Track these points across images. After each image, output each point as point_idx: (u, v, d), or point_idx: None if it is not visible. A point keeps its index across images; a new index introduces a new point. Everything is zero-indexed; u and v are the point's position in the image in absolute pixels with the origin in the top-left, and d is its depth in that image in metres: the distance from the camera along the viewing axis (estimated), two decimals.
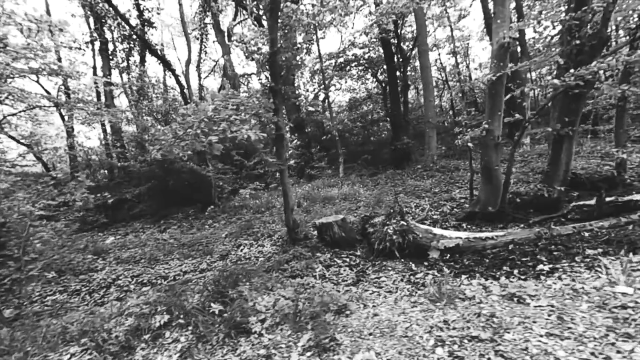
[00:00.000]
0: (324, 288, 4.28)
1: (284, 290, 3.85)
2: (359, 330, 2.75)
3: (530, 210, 7.56)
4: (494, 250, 5.62)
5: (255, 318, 3.11)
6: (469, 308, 2.84)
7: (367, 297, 3.84)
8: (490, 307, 2.79)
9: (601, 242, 5.14)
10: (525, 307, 2.71)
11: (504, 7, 6.19)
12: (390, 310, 3.10)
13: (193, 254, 7.33)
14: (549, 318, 2.48)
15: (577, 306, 2.59)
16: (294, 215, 6.22)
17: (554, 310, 2.57)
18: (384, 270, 5.06)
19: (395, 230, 5.55)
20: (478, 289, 3.27)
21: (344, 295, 4.01)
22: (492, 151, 6.84)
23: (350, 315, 3.07)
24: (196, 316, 3.09)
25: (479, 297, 3.08)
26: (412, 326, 2.69)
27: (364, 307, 3.39)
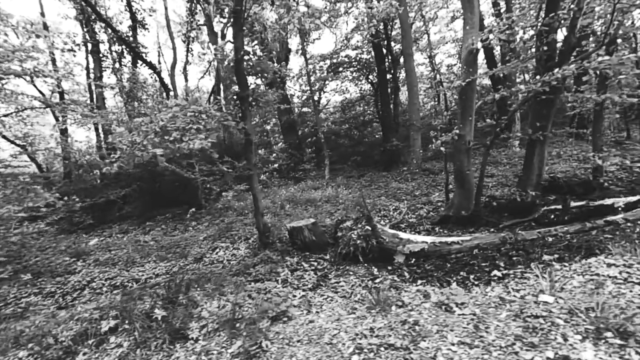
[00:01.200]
0: (279, 293, 4.37)
1: (236, 296, 3.93)
2: (290, 337, 2.82)
3: (505, 214, 7.63)
4: (458, 254, 5.69)
5: (197, 324, 3.19)
6: (399, 315, 2.91)
7: (318, 302, 3.92)
8: (419, 315, 2.86)
9: (561, 248, 5.20)
10: (450, 315, 2.78)
11: (473, 14, 6.24)
12: (328, 317, 3.18)
13: (169, 257, 7.41)
14: (466, 327, 2.55)
15: (497, 314, 2.65)
16: (264, 219, 6.30)
17: (474, 319, 2.64)
18: (346, 275, 5.13)
19: (359, 235, 5.63)
20: (417, 295, 3.34)
21: (298, 300, 4.10)
22: (464, 156, 6.90)
23: (288, 322, 3.15)
24: (140, 322, 3.17)
25: (414, 304, 3.15)
26: (339, 333, 2.76)
27: (307, 312, 3.47)
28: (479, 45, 6.29)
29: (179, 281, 3.87)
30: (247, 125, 5.55)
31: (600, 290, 2.87)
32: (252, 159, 5.84)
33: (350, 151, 18.13)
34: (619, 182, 8.98)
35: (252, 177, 5.91)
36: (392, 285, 4.57)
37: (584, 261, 3.65)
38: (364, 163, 16.77)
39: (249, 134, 5.64)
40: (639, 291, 2.77)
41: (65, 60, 18.39)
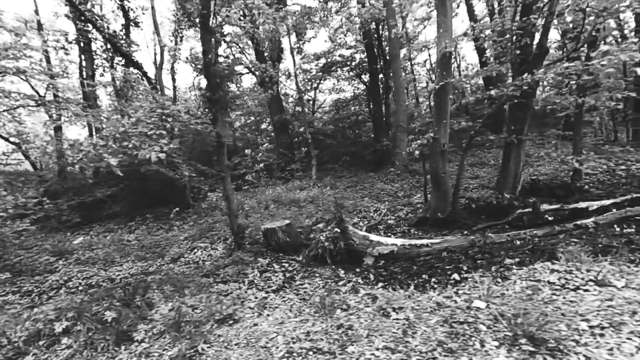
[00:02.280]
0: (240, 295, 4.43)
1: (194, 298, 3.99)
2: (230, 341, 2.89)
3: (482, 216, 7.68)
4: (426, 257, 5.74)
5: (145, 326, 3.26)
6: (339, 319, 2.97)
7: (275, 304, 3.98)
8: (356, 319, 2.92)
9: (525, 252, 5.25)
10: (385, 319, 2.84)
11: (446, 17, 6.27)
12: (275, 320, 3.24)
13: (148, 257, 7.49)
14: (396, 331, 2.61)
15: (428, 320, 2.71)
16: (238, 220, 6.37)
17: (405, 324, 2.70)
18: (312, 276, 5.19)
19: (327, 237, 5.68)
20: (363, 299, 3.40)
21: (256, 302, 4.16)
22: (439, 158, 6.95)
23: (233, 325, 3.22)
24: (89, 323, 3.24)
25: (358, 308, 3.21)
26: (277, 337, 2.82)
27: (258, 315, 3.53)
28: (452, 49, 6.32)
29: (136, 283, 3.93)
30: (218, 128, 5.61)
31: (535, 296, 2.92)
32: (224, 161, 5.90)
33: (342, 151, 18.18)
34: (600, 185, 9.03)
35: (224, 179, 5.97)
36: (353, 287, 4.63)
37: (531, 266, 3.68)
38: (356, 163, 16.81)
39: (221, 136, 5.69)
40: (571, 297, 2.82)
41: (60, 58, 18.48)
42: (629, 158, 11.02)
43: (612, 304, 2.59)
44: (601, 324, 2.33)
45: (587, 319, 2.42)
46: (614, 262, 3.97)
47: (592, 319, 2.41)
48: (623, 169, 10.25)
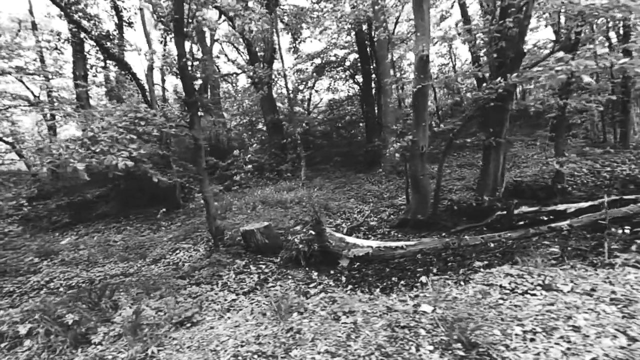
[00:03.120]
0: (209, 297, 4.49)
1: (162, 300, 4.04)
2: (182, 344, 2.94)
3: (464, 218, 7.74)
4: (401, 259, 5.79)
5: (105, 329, 3.31)
6: (292, 323, 3.02)
7: (241, 306, 4.04)
8: (308, 323, 2.98)
9: (496, 254, 5.31)
10: (334, 323, 2.89)
11: (423, 21, 6.31)
12: (232, 323, 3.29)
13: (131, 258, 7.54)
14: (340, 336, 2.66)
15: (374, 323, 2.76)
16: (217, 222, 6.42)
17: (352, 328, 2.75)
18: (284, 278, 5.25)
19: (301, 239, 5.74)
20: (321, 303, 3.45)
21: (224, 304, 4.22)
22: (418, 161, 6.99)
23: (191, 328, 3.27)
24: (49, 326, 3.30)
25: (314, 311, 3.26)
26: (229, 340, 2.88)
27: (219, 318, 3.59)
28: (429, 52, 6.36)
29: (104, 285, 3.99)
30: (195, 131, 5.65)
31: (482, 300, 2.98)
32: (202, 164, 5.95)
33: (334, 151, 18.22)
34: (584, 187, 9.08)
35: (202, 181, 6.02)
36: (322, 290, 4.69)
37: (494, 269, 3.74)
38: (348, 163, 16.85)
39: (198, 139, 5.74)
40: (516, 302, 2.87)
41: (54, 58, 18.51)
42: (615, 160, 11.06)
43: (552, 308, 2.63)
44: (535, 329, 2.38)
45: (523, 323, 2.47)
46: (575, 265, 4.03)
47: (528, 323, 2.46)
48: (608, 170, 10.30)
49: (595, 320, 2.38)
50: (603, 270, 3.48)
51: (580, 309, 2.57)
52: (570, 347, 2.15)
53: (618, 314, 2.44)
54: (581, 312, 2.51)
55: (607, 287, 2.85)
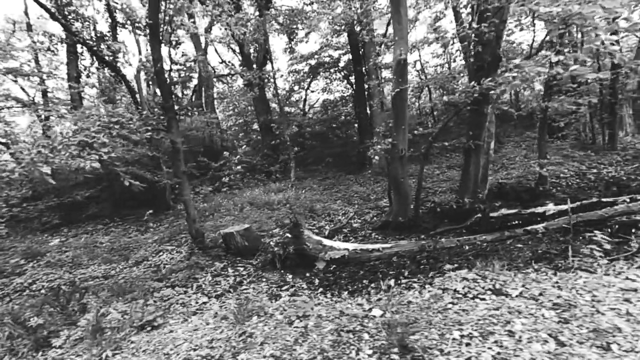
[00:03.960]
0: (179, 301, 4.55)
1: (131, 303, 4.10)
2: (139, 347, 3.00)
3: (445, 220, 7.79)
4: (377, 262, 5.85)
5: (68, 332, 3.37)
6: (249, 326, 3.08)
7: (210, 309, 4.10)
8: (263, 326, 3.04)
9: (468, 257, 5.36)
10: (287, 327, 2.95)
11: (401, 25, 6.36)
12: (192, 327, 3.35)
13: (114, 259, 7.60)
14: (289, 340, 2.72)
15: (323, 328, 2.82)
16: (196, 225, 6.48)
17: (302, 332, 2.81)
18: (259, 281, 5.31)
19: (277, 242, 5.80)
20: (281, 306, 3.51)
21: (193, 307, 4.29)
22: (398, 164, 7.05)
23: (151, 331, 3.33)
24: (12, 329, 3.36)
25: (273, 314, 3.32)
26: (183, 344, 2.94)
27: (183, 321, 3.64)
28: (407, 56, 6.41)
29: (71, 289, 4.05)
30: (172, 135, 5.71)
31: (433, 304, 3.03)
32: (180, 167, 6.01)
33: (327, 152, 18.26)
34: (568, 189, 9.13)
35: (181, 185, 6.08)
36: (293, 293, 4.75)
37: (446, 274, 3.79)
38: (341, 164, 16.90)
39: (176, 143, 5.80)
40: (464, 306, 2.92)
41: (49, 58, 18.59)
42: (602, 161, 11.12)
43: (496, 313, 2.69)
44: (472, 333, 2.44)
45: (463, 328, 2.53)
46: (540, 268, 4.09)
47: (468, 328, 2.52)
48: (594, 172, 10.35)
49: (531, 325, 2.43)
50: (560, 274, 3.54)
51: (522, 313, 2.63)
52: (501, 352, 2.21)
53: (555, 318, 2.49)
54: (521, 317, 2.56)
55: (554, 292, 2.91)
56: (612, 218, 6.32)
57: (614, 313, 2.44)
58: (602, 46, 3.37)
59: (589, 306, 2.57)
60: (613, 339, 2.16)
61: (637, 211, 6.33)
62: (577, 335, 2.25)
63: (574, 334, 2.28)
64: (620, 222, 6.19)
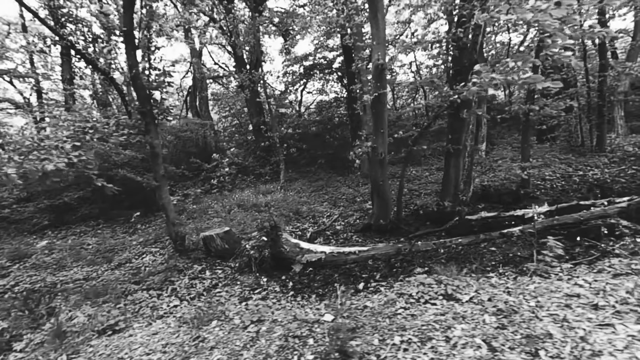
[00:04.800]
0: (150, 304, 4.61)
1: (101, 306, 4.16)
2: (97, 351, 3.06)
3: (427, 222, 7.85)
4: (352, 264, 5.91)
5: (31, 336, 3.43)
6: (205, 331, 3.14)
7: (179, 312, 4.16)
8: (218, 331, 3.09)
9: (441, 260, 5.41)
10: (240, 331, 3.01)
11: (379, 30, 6.41)
12: (152, 331, 3.41)
13: (98, 261, 7.66)
14: (239, 344, 2.77)
15: (274, 333, 2.88)
16: (176, 228, 6.54)
17: (253, 337, 2.87)
18: (233, 284, 5.36)
19: (252, 245, 5.85)
20: (241, 310, 3.57)
21: (163, 310, 4.35)
22: (378, 167, 7.10)
23: (112, 335, 3.39)
24: None
25: (232, 319, 3.37)
26: (139, 349, 3.00)
27: (147, 325, 3.70)
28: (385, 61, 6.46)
29: (40, 293, 4.11)
30: (151, 138, 5.77)
31: (385, 309, 3.08)
32: (159, 170, 6.07)
33: (320, 154, 18.31)
34: (551, 192, 9.18)
35: (159, 188, 6.14)
36: (264, 297, 4.80)
37: (407, 279, 3.84)
38: (332, 166, 16.95)
39: (154, 147, 5.86)
40: (415, 311, 2.98)
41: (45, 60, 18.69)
42: (589, 163, 11.17)
43: (441, 318, 2.74)
44: (412, 338, 2.49)
45: (405, 333, 2.58)
46: (505, 273, 4.14)
47: (410, 333, 2.57)
48: (580, 174, 10.40)
49: (470, 331, 2.48)
50: (520, 279, 3.59)
51: (466, 319, 2.68)
52: (434, 358, 2.26)
53: (495, 324, 2.54)
54: (463, 323, 2.61)
55: (503, 297, 2.96)
56: (587, 221, 6.38)
57: (551, 319, 2.49)
58: (557, 52, 3.41)
59: (530, 312, 2.62)
60: (543, 345, 2.21)
61: (613, 214, 6.39)
62: (510, 341, 2.30)
63: (507, 339, 2.33)
64: (596, 225, 6.26)
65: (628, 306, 2.49)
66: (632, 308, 2.46)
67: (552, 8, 3.01)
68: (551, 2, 3.04)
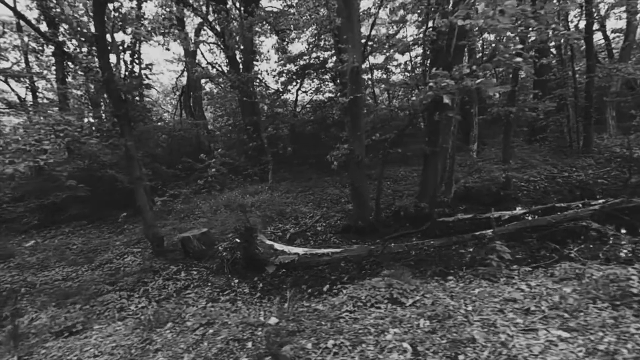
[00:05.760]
0: (117, 306, 4.69)
1: (68, 308, 4.24)
2: (49, 354, 3.14)
3: (407, 223, 7.91)
4: (325, 266, 5.97)
5: None
6: (157, 333, 3.21)
7: (145, 313, 4.23)
8: (168, 333, 3.16)
9: (410, 262, 5.48)
10: (189, 334, 3.08)
11: (353, 33, 6.46)
12: (108, 333, 3.48)
13: (80, 262, 7.74)
14: (182, 347, 2.84)
15: (219, 336, 2.94)
16: (154, 230, 6.61)
17: (198, 340, 2.93)
18: (204, 286, 5.43)
19: (225, 247, 5.92)
20: (198, 313, 3.63)
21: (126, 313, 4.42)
22: (356, 169, 7.15)
23: (68, 337, 3.47)
24: None
25: (187, 321, 3.44)
26: (89, 350, 3.07)
27: (107, 326, 3.77)
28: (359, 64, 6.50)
29: (7, 293, 4.18)
30: (126, 141, 5.84)
31: (331, 313, 3.15)
32: (135, 173, 6.14)
33: (314, 153, 18.32)
34: (534, 193, 9.21)
35: (136, 190, 6.21)
36: (231, 298, 4.87)
37: (360, 282, 3.90)
38: (324, 166, 16.94)
39: (129, 149, 5.93)
40: (358, 315, 3.04)
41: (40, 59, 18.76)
42: (575, 165, 11.18)
43: (380, 322, 2.80)
44: (345, 342, 2.55)
45: (340, 336, 2.64)
46: (464, 275, 4.20)
47: (345, 337, 2.63)
48: (565, 176, 10.44)
49: (401, 335, 2.54)
50: (475, 283, 3.64)
51: (402, 323, 2.74)
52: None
53: (427, 328, 2.60)
54: (398, 327, 2.67)
55: (445, 301, 3.01)
56: (559, 224, 6.44)
57: (481, 323, 2.55)
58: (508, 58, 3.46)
59: (463, 316, 2.68)
60: (464, 349, 2.27)
61: (585, 217, 6.45)
62: (435, 346, 2.36)
63: (433, 344, 2.39)
64: (567, 228, 6.32)
65: (557, 311, 2.55)
66: (560, 313, 2.51)
67: (497, 15, 3.05)
68: (496, 10, 3.09)
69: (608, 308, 2.46)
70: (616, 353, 2.02)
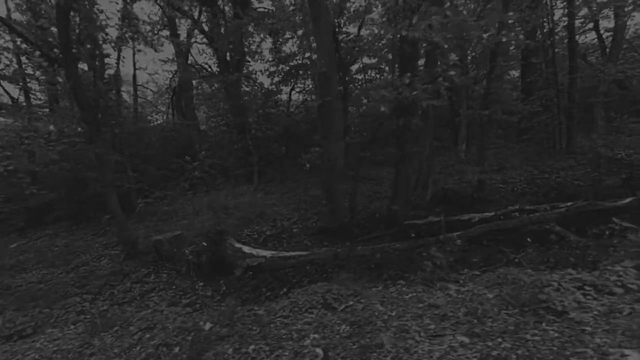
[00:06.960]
0: (80, 309, 4.79)
1: (23, 311, 4.34)
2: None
3: (382, 226, 7.99)
4: (291, 269, 6.06)
5: None
6: (99, 337, 3.31)
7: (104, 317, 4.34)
8: (109, 338, 3.26)
9: (371, 266, 5.57)
10: (126, 338, 3.17)
11: (321, 36, 6.53)
12: (54, 337, 3.58)
13: (57, 264, 7.85)
14: (115, 352, 2.94)
15: (152, 341, 3.04)
16: (124, 232, 6.71)
17: (133, 343, 3.03)
18: (168, 289, 5.53)
19: (191, 250, 6.02)
20: (146, 317, 3.73)
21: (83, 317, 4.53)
22: (328, 172, 7.24)
23: (17, 341, 3.57)
24: None
25: (132, 325, 3.54)
26: (31, 355, 3.17)
27: (60, 331, 3.88)
28: None
29: None
30: (96, 147, 5.94)
31: (265, 317, 3.24)
32: (107, 178, 6.23)
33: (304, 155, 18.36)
34: (510, 195, 9.27)
35: (109, 195, 6.31)
36: (191, 302, 4.97)
37: (306, 287, 3.99)
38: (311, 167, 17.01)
39: (100, 155, 6.02)
40: (289, 321, 3.13)
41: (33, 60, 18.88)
42: (556, 166, 11.22)
43: (305, 327, 2.89)
44: (264, 347, 2.64)
45: (263, 342, 2.73)
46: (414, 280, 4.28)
47: (267, 342, 2.72)
48: (545, 177, 10.49)
49: (319, 340, 2.63)
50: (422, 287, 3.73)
51: (326, 328, 2.83)
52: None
53: (345, 334, 2.69)
54: (319, 332, 2.76)
55: (375, 307, 3.10)
56: (524, 226, 6.51)
57: (396, 329, 2.63)
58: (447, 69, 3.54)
59: (383, 322, 2.76)
60: (370, 354, 2.36)
61: (551, 219, 6.51)
62: (346, 351, 2.45)
63: (345, 349, 2.47)
64: (531, 230, 6.39)
65: (470, 317, 2.63)
66: (471, 319, 2.60)
67: (423, 28, 3.13)
68: (425, 23, 3.17)
69: (517, 314, 2.55)
70: (505, 358, 2.10)
